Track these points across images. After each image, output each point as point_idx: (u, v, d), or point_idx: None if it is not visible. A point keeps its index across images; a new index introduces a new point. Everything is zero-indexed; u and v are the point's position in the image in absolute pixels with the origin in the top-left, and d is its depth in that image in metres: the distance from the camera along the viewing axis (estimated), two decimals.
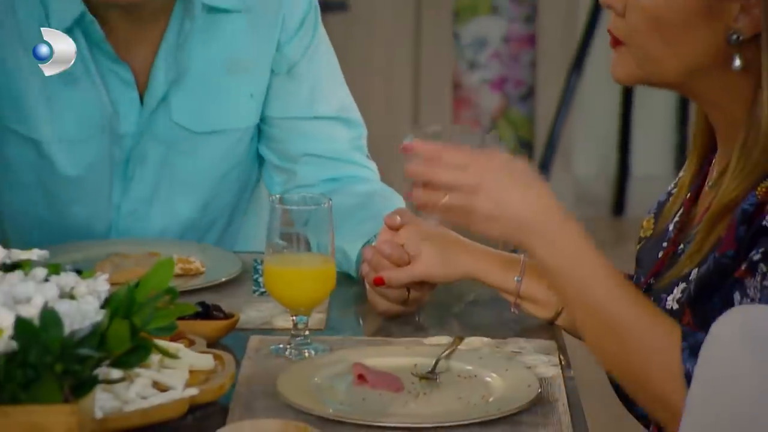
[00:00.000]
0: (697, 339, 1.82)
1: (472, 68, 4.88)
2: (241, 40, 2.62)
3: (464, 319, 2.29)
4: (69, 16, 2.50)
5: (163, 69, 2.58)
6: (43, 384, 1.54)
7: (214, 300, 2.18)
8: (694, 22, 1.92)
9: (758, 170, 1.88)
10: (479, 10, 4.83)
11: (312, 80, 2.66)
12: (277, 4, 2.62)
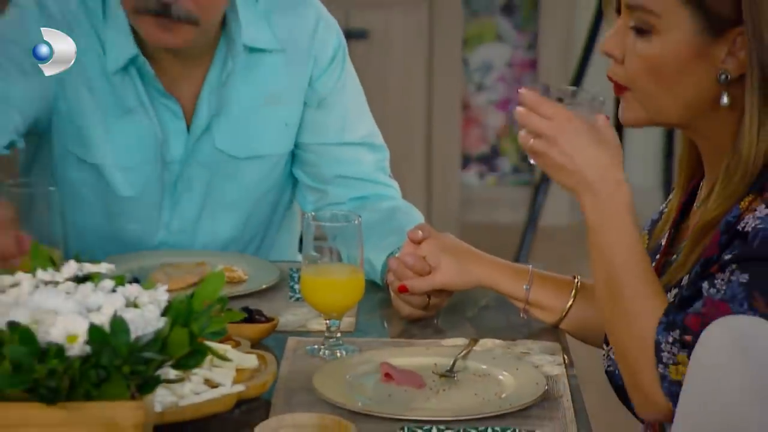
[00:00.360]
0: (676, 319, 1.86)
1: (480, 90, 4.87)
2: (278, 76, 2.60)
3: (478, 322, 2.29)
4: (124, 57, 2.51)
5: (207, 102, 2.57)
6: (112, 383, 1.55)
7: (255, 305, 2.19)
8: (687, 66, 1.93)
9: (739, 191, 1.89)
10: (486, 38, 4.83)
11: (341, 111, 2.65)
12: (310, 43, 2.61)
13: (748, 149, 1.89)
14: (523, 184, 5.02)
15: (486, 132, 4.97)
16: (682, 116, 1.98)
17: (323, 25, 2.63)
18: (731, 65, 1.91)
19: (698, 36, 1.92)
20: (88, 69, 2.54)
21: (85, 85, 2.54)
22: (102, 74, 2.55)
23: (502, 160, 5.04)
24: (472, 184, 4.98)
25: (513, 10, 4.92)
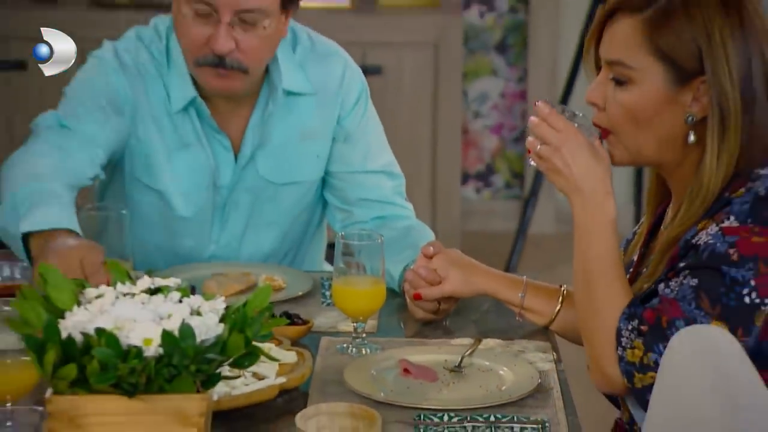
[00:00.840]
0: (636, 311, 1.90)
1: (477, 117, 4.88)
2: (311, 115, 2.60)
3: (481, 325, 2.30)
4: (184, 99, 2.51)
5: (252, 137, 2.57)
6: (181, 379, 1.59)
7: (293, 309, 2.22)
8: (660, 111, 1.96)
9: (698, 214, 1.92)
10: (482, 72, 4.83)
11: (364, 144, 2.64)
12: (338, 88, 2.61)
13: (708, 178, 1.91)
14: (514, 198, 5.00)
15: (482, 153, 4.97)
16: (657, 154, 2.00)
17: (349, 73, 2.62)
18: (696, 108, 1.93)
19: (668, 85, 1.94)
20: (155, 109, 2.52)
21: (152, 123, 2.52)
22: (166, 114, 2.53)
23: (496, 177, 5.03)
24: (471, 197, 4.97)
25: (505, 48, 4.92)
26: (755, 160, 1.92)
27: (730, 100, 1.90)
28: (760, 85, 1.93)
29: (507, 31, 4.90)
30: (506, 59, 4.91)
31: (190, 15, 2.38)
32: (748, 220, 1.86)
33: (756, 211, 1.86)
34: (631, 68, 1.95)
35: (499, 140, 4.97)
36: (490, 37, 4.88)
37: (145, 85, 2.54)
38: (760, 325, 1.84)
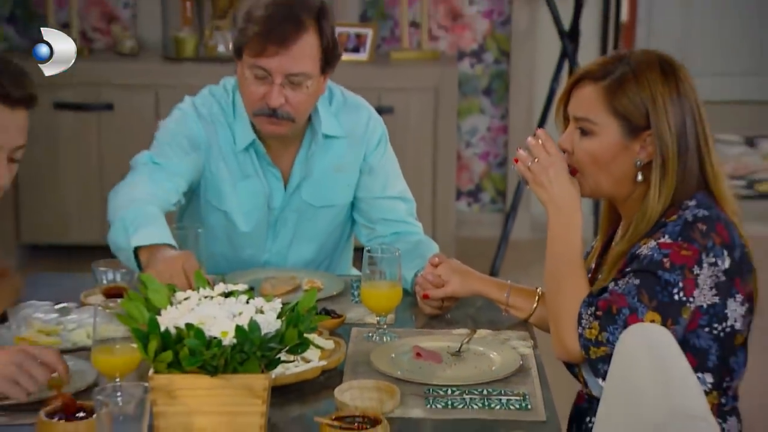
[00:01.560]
0: (593, 300, 1.94)
1: (468, 147, 4.87)
2: (343, 154, 2.59)
3: (476, 318, 2.28)
4: (246, 141, 2.52)
5: (298, 170, 2.57)
6: (250, 363, 1.64)
7: (330, 306, 2.24)
8: (615, 156, 1.98)
9: (641, 234, 1.95)
10: (472, 111, 4.81)
11: (384, 176, 2.63)
12: (364, 133, 2.61)
13: (651, 208, 1.95)
14: (498, 211, 4.94)
15: (472, 175, 4.95)
16: (612, 189, 2.03)
17: (372, 121, 2.63)
18: (643, 155, 1.96)
19: (622, 137, 1.97)
20: (223, 149, 2.53)
21: (221, 160, 2.53)
22: (232, 153, 2.53)
23: (484, 194, 4.99)
24: (464, 210, 4.92)
25: (491, 92, 4.87)
26: (685, 194, 1.96)
27: (669, 149, 1.94)
28: (692, 139, 1.96)
29: (492, 78, 4.86)
30: (491, 100, 4.88)
31: (251, 77, 2.39)
32: (678, 238, 1.89)
33: (685, 232, 1.90)
34: (594, 123, 1.97)
35: (486, 165, 4.94)
36: (478, 83, 4.85)
37: (216, 131, 2.54)
38: (686, 318, 1.89)
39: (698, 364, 1.90)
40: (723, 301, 1.91)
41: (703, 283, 1.90)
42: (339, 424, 1.73)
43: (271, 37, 2.35)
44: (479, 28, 4.81)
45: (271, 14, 2.37)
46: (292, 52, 2.36)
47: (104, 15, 4.76)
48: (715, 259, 1.90)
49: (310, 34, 2.38)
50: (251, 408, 1.67)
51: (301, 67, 2.37)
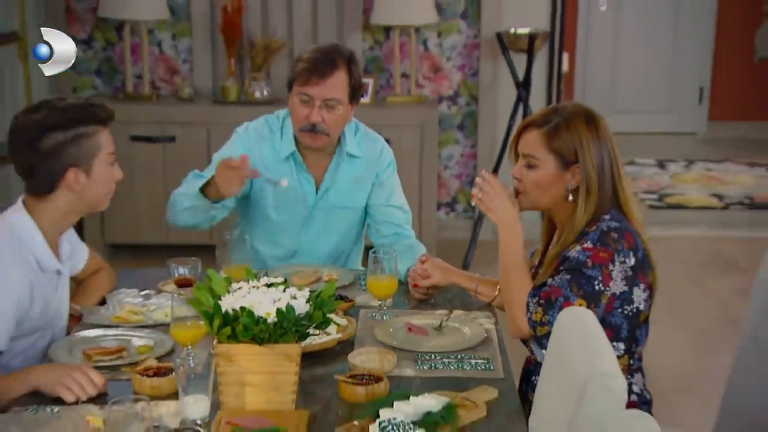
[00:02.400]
0: (536, 291, 1.95)
1: (446, 169, 4.82)
2: (361, 170, 2.57)
3: (453, 302, 2.27)
4: (287, 152, 2.51)
5: (328, 179, 2.55)
6: (286, 336, 1.68)
7: (343, 293, 2.24)
8: (552, 183, 2.01)
9: (571, 240, 1.97)
10: (449, 142, 4.76)
11: (389, 189, 2.61)
12: (378, 158, 2.59)
13: (578, 222, 1.97)
14: (469, 218, 4.85)
15: (449, 191, 4.87)
16: (549, 206, 2.05)
17: (385, 151, 2.62)
18: (573, 182, 1.98)
19: (558, 169, 1.99)
20: (267, 159, 2.50)
21: (265, 169, 2.46)
22: (275, 162, 2.51)
23: (458, 206, 4.90)
24: (443, 218, 4.84)
25: (463, 127, 4.79)
26: (602, 211, 1.97)
27: (592, 179, 1.97)
28: (608, 171, 1.98)
29: (464, 117, 4.80)
30: (464, 134, 4.82)
31: (298, 102, 2.42)
32: (597, 243, 1.92)
33: (601, 239, 1.93)
34: (537, 159, 2.00)
35: (459, 183, 4.87)
36: (454, 120, 4.79)
37: (261, 146, 2.53)
38: (604, 303, 1.92)
39: (613, 336, 1.93)
40: (630, 289, 1.94)
41: (616, 276, 1.92)
42: (352, 381, 1.78)
43: (314, 72, 2.39)
44: (454, 79, 4.77)
45: (314, 57, 2.42)
46: (328, 83, 2.40)
47: (168, 68, 4.73)
48: (624, 258, 1.92)
49: (342, 72, 2.42)
50: (287, 369, 1.70)
51: (334, 94, 2.41)
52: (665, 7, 7.17)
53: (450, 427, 1.63)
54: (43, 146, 1.85)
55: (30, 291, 1.88)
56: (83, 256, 2.17)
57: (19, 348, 1.92)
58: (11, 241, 1.88)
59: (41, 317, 1.94)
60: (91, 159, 1.91)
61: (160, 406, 1.66)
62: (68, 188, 1.91)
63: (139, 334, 2.02)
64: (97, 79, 4.76)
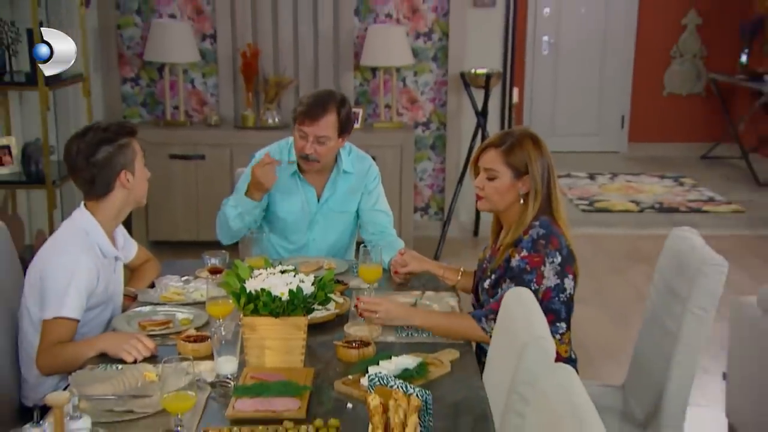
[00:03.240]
0: (477, 313, 1.89)
1: (421, 180, 4.74)
2: (354, 182, 2.55)
3: (425, 284, 2.26)
4: (290, 171, 2.49)
5: (327, 190, 2.53)
6: (297, 310, 1.70)
7: (340, 278, 2.22)
8: (508, 191, 1.98)
9: (518, 234, 1.94)
10: (423, 159, 4.70)
11: (375, 197, 2.59)
12: (367, 173, 2.57)
13: (528, 218, 1.95)
14: (439, 220, 4.77)
15: (424, 198, 4.80)
16: (503, 208, 2.01)
17: (372, 168, 2.59)
18: (524, 189, 1.97)
19: (513, 179, 1.97)
20: (280, 176, 2.46)
21: (278, 182, 2.45)
22: (287, 178, 2.50)
23: (430, 210, 4.83)
24: (418, 220, 4.77)
25: (434, 147, 4.75)
26: (541, 213, 1.96)
27: (538, 186, 1.96)
28: (546, 180, 1.97)
29: (435, 139, 4.76)
30: (435, 152, 4.78)
31: (297, 136, 2.40)
32: (531, 251, 1.90)
33: (533, 247, 1.91)
34: (496, 172, 1.98)
35: (431, 192, 4.82)
36: (427, 142, 4.75)
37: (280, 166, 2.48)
38: (540, 296, 1.87)
39: (555, 318, 1.91)
40: (561, 281, 1.92)
41: (548, 274, 1.90)
42: (347, 345, 1.80)
43: (307, 115, 2.37)
44: (427, 109, 4.76)
45: (310, 102, 2.39)
46: (319, 124, 2.37)
47: (199, 100, 4.71)
48: (552, 258, 1.91)
49: (332, 114, 2.38)
50: (297, 336, 1.72)
51: (324, 132, 2.39)
52: (594, 52, 7.23)
53: (422, 379, 1.66)
54: (99, 159, 1.89)
55: (96, 273, 1.92)
56: (133, 248, 2.20)
57: (87, 319, 1.96)
58: (81, 235, 1.93)
59: (104, 294, 1.98)
60: (132, 162, 1.95)
61: (200, 364, 1.67)
62: (122, 186, 1.95)
63: (181, 310, 2.03)
64: (142, 109, 4.75)
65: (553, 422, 1.21)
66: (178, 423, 1.43)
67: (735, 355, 2.54)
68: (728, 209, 5.58)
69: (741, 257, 4.44)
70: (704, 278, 1.84)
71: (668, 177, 6.49)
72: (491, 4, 4.61)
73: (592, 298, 3.94)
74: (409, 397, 1.36)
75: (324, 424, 1.46)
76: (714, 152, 7.04)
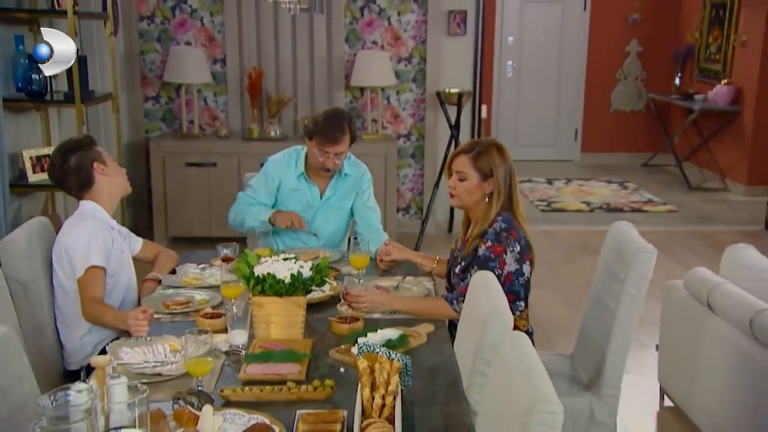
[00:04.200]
0: (449, 296, 1.88)
1: (403, 185, 4.69)
2: (350, 184, 2.56)
3: (406, 271, 2.26)
4: (298, 173, 2.51)
5: (329, 189, 2.54)
6: (297, 291, 1.72)
7: (333, 265, 2.23)
8: (476, 189, 1.99)
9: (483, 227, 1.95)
10: (405, 166, 4.66)
11: (367, 196, 2.59)
12: (362, 177, 2.58)
13: (492, 213, 1.96)
14: (418, 219, 4.76)
15: (405, 200, 4.78)
16: (472, 205, 2.01)
17: (366, 172, 2.60)
18: (489, 189, 1.98)
19: (480, 180, 1.98)
20: (288, 177, 2.48)
21: (286, 183, 2.48)
22: (294, 179, 2.50)
23: (411, 210, 4.81)
24: (400, 218, 4.76)
25: (415, 156, 4.74)
26: (503, 210, 1.95)
27: (501, 186, 1.97)
28: (508, 182, 1.99)
29: (415, 149, 4.76)
30: (415, 160, 4.77)
31: (318, 152, 2.41)
32: (495, 241, 1.91)
33: (496, 238, 1.92)
34: (466, 174, 1.99)
35: (412, 194, 4.81)
36: (408, 151, 4.75)
37: (285, 169, 2.50)
38: (503, 280, 1.88)
39: (515, 298, 1.92)
40: (520, 266, 1.93)
41: (509, 260, 1.91)
42: (339, 320, 1.82)
43: (329, 138, 2.37)
44: (408, 123, 4.77)
45: (330, 126, 2.36)
46: (339, 144, 2.40)
47: (211, 115, 4.71)
48: (512, 248, 1.92)
49: (347, 134, 2.40)
50: (298, 313, 1.74)
51: (342, 149, 2.43)
52: (551, 75, 7.29)
53: (402, 348, 1.69)
54: (71, 163, 1.99)
55: (110, 240, 2.02)
56: (138, 244, 2.23)
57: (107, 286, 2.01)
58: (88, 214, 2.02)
59: (117, 263, 2.04)
60: (101, 156, 2.02)
61: (216, 336, 1.68)
62: (101, 174, 2.02)
63: (199, 292, 2.05)
64: (162, 123, 4.75)
65: (509, 379, 1.25)
66: (198, 383, 1.48)
67: (666, 331, 2.58)
68: (664, 209, 5.65)
69: (673, 249, 4.54)
70: (638, 263, 1.87)
71: (614, 182, 6.55)
72: (463, 33, 4.66)
73: (548, 283, 4.00)
74: (392, 361, 1.40)
75: (321, 383, 1.50)
76: (653, 161, 7.15)
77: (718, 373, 2.19)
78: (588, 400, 1.96)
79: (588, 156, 7.39)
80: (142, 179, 4.48)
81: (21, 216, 3.04)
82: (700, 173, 6.52)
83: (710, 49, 6.51)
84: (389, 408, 1.29)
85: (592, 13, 7.09)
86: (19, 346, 1.31)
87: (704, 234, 4.90)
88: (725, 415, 2.15)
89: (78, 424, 0.98)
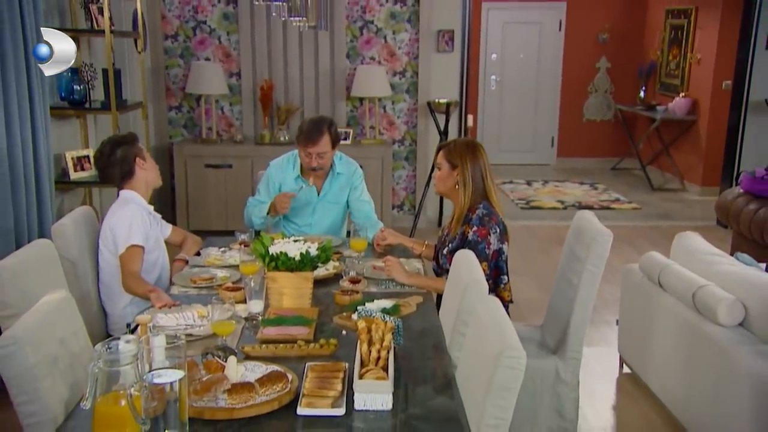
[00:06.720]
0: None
1: (397, 184, 4.64)
2: (343, 181, 2.54)
3: (399, 254, 2.29)
4: (295, 174, 2.50)
5: (325, 187, 2.53)
6: (305, 266, 1.76)
7: (336, 249, 2.29)
8: (447, 179, 2.03)
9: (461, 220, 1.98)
10: (399, 167, 4.61)
11: (359, 190, 2.57)
12: (353, 173, 2.56)
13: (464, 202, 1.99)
14: (411, 214, 4.75)
15: (399, 197, 4.75)
16: (448, 192, 2.04)
17: (357, 170, 2.58)
18: (459, 179, 1.99)
19: (449, 170, 2.01)
20: (287, 178, 2.48)
21: (285, 184, 2.49)
22: (293, 179, 2.50)
23: (405, 206, 4.78)
24: (395, 214, 4.74)
25: (408, 159, 4.72)
26: (479, 200, 2.02)
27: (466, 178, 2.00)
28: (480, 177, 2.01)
29: (408, 153, 4.74)
30: (408, 163, 4.77)
31: (303, 154, 2.43)
32: (480, 225, 1.95)
33: (480, 222, 1.96)
34: (440, 164, 2.03)
35: (405, 193, 4.80)
36: (402, 155, 4.75)
37: (284, 170, 2.51)
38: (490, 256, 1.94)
39: (500, 272, 1.97)
40: (501, 246, 1.99)
41: (493, 241, 1.96)
42: (342, 293, 1.88)
43: (309, 139, 2.37)
44: (402, 129, 4.79)
45: (310, 128, 2.39)
46: (319, 145, 2.39)
47: (228, 123, 4.74)
48: (494, 230, 1.97)
49: (326, 135, 2.39)
50: (306, 285, 1.79)
51: (323, 149, 2.42)
52: (530, 88, 7.33)
53: (395, 315, 1.74)
54: (118, 156, 2.06)
55: (148, 223, 2.08)
56: (167, 229, 2.27)
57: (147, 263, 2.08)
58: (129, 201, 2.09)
59: (155, 243, 2.10)
60: (142, 152, 2.10)
61: (237, 306, 1.74)
62: (140, 168, 2.09)
63: (221, 271, 2.10)
64: (183, 130, 4.80)
65: (483, 334, 1.32)
66: (223, 342, 1.55)
67: (624, 307, 2.64)
68: (629, 207, 5.71)
69: (636, 241, 4.62)
70: (596, 245, 1.94)
71: (586, 183, 6.61)
72: (450, 50, 4.71)
73: (525, 271, 4.08)
74: (386, 322, 1.46)
75: (326, 341, 1.57)
76: (620, 165, 7.21)
77: (668, 342, 2.25)
78: (554, 362, 2.02)
79: (563, 160, 7.45)
80: (166, 179, 4.47)
81: (63, 209, 3.11)
82: (661, 176, 6.59)
83: (670, 66, 6.60)
84: (384, 360, 1.35)
85: (567, 34, 7.17)
86: (74, 307, 1.38)
87: (664, 228, 4.97)
88: (674, 377, 2.21)
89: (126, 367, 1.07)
